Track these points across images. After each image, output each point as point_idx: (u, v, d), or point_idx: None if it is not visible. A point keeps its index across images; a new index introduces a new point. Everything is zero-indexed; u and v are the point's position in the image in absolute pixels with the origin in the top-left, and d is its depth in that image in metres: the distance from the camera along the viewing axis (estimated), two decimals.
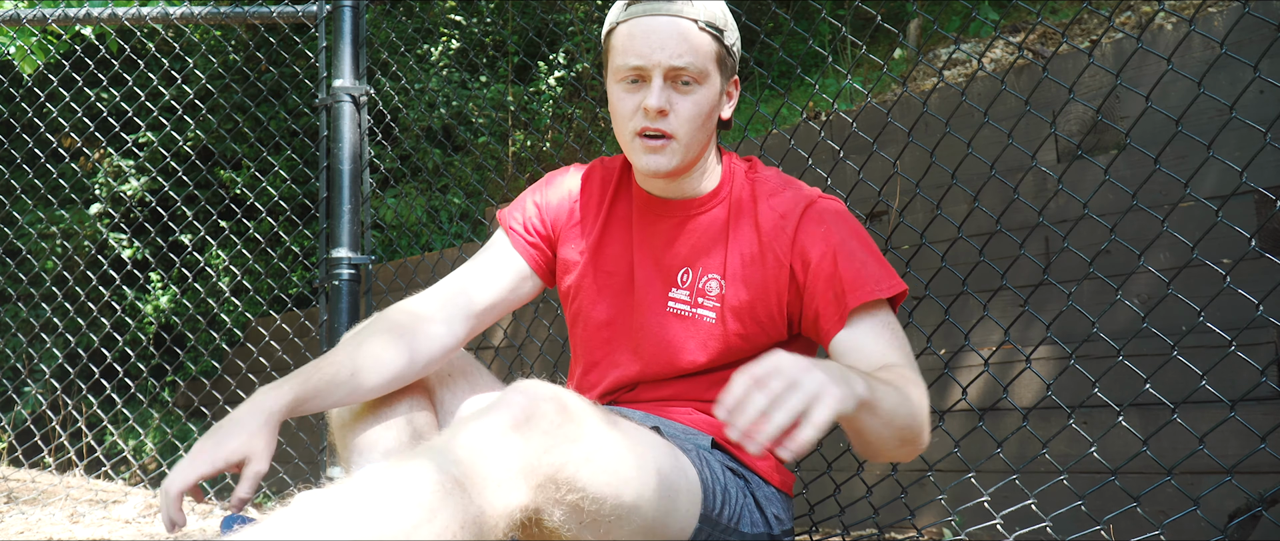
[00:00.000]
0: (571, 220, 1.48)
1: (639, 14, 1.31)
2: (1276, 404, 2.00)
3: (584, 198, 1.48)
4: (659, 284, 1.40)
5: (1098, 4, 3.37)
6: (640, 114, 1.31)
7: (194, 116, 4.85)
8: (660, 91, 1.29)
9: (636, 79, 1.31)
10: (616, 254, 1.44)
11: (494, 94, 4.97)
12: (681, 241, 1.40)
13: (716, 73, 1.34)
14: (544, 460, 0.98)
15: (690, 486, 1.21)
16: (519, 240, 1.48)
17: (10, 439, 4.09)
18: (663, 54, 1.28)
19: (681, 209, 1.41)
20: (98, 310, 4.07)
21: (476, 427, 0.98)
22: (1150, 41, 2.54)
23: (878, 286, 1.29)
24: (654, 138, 1.31)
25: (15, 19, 2.87)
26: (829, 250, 1.31)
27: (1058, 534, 1.76)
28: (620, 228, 1.45)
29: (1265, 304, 1.52)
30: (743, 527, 1.31)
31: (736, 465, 1.37)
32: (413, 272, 4.13)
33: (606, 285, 1.44)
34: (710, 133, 1.37)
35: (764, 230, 1.36)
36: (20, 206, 4.68)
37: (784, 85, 4.57)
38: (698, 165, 1.39)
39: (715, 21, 1.32)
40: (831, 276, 1.30)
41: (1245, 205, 2.24)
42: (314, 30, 2.70)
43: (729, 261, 1.37)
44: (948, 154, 2.68)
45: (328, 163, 2.53)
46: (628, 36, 1.31)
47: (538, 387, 1.03)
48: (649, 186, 1.43)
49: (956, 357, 2.50)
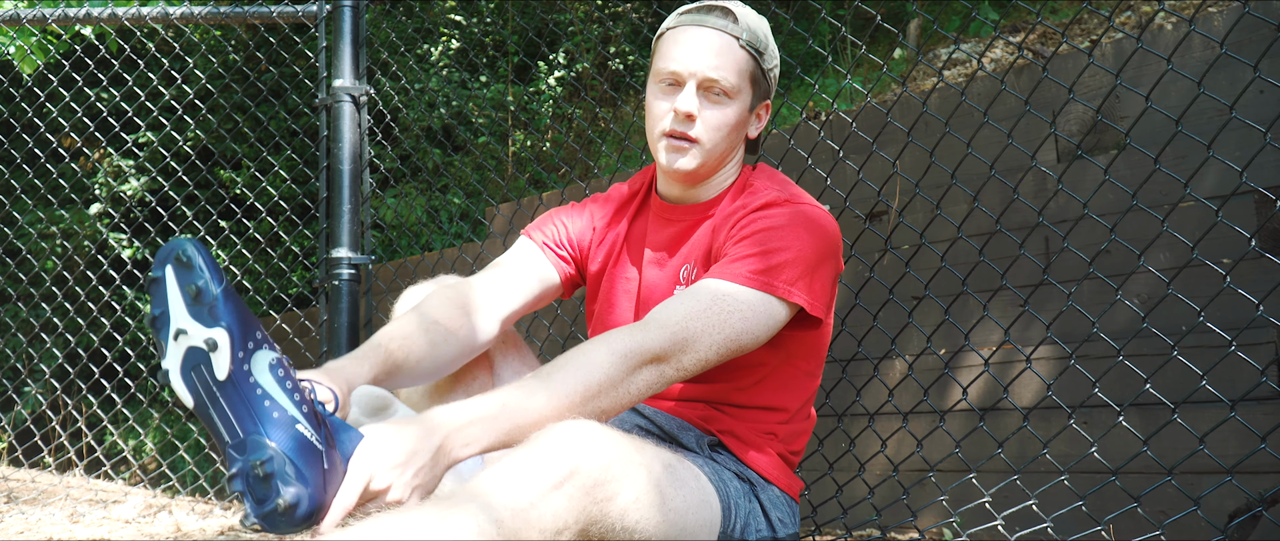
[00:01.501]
0: (598, 238, 1.56)
1: (688, 23, 1.40)
2: (1276, 404, 2.00)
3: (612, 217, 1.56)
4: (665, 284, 1.45)
5: (1098, 4, 3.37)
6: (670, 116, 1.39)
7: (194, 116, 4.85)
8: (692, 97, 1.37)
9: (673, 83, 1.39)
10: (633, 261, 1.51)
11: (494, 94, 4.97)
12: (686, 243, 1.45)
13: (749, 90, 1.41)
14: (584, 515, 1.01)
15: (712, 515, 1.26)
16: (550, 252, 1.55)
17: (10, 439, 4.09)
18: (700, 64, 1.36)
19: (690, 213, 1.46)
20: (98, 310, 4.07)
21: (519, 482, 0.99)
22: (1150, 41, 2.54)
23: (752, 275, 1.28)
24: (679, 139, 1.39)
25: (15, 19, 2.87)
26: (755, 230, 1.33)
27: (1058, 534, 1.76)
28: (638, 237, 1.52)
29: (1265, 304, 1.52)
30: (749, 536, 1.32)
31: (741, 468, 1.37)
32: (413, 272, 4.13)
33: (623, 290, 1.50)
34: (733, 146, 1.43)
35: (730, 218, 1.39)
36: (20, 206, 4.68)
37: (784, 85, 4.57)
38: (716, 175, 1.45)
39: (757, 43, 1.40)
40: (732, 247, 1.33)
41: (1245, 205, 2.24)
42: (314, 30, 2.70)
43: (703, 251, 1.42)
44: (948, 154, 2.69)
45: (328, 163, 2.53)
46: (673, 42, 1.40)
47: (579, 441, 1.03)
48: (667, 192, 1.50)
49: (956, 357, 2.50)
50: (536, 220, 1.60)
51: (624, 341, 1.18)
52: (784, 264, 1.29)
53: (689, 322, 1.22)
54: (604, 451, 1.03)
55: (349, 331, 2.42)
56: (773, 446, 1.43)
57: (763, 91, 1.45)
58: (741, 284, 1.27)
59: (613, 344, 1.17)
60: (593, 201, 1.61)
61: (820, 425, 2.76)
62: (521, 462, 1.00)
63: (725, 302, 1.25)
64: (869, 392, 2.69)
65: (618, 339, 1.18)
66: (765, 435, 1.42)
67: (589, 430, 1.05)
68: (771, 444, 1.43)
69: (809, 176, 2.93)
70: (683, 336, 1.21)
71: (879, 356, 2.68)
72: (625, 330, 1.21)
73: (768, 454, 1.42)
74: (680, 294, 1.30)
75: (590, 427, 1.05)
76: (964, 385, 2.31)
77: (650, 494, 1.09)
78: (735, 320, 1.25)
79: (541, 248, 1.55)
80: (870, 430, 2.31)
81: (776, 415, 1.43)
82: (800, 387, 1.46)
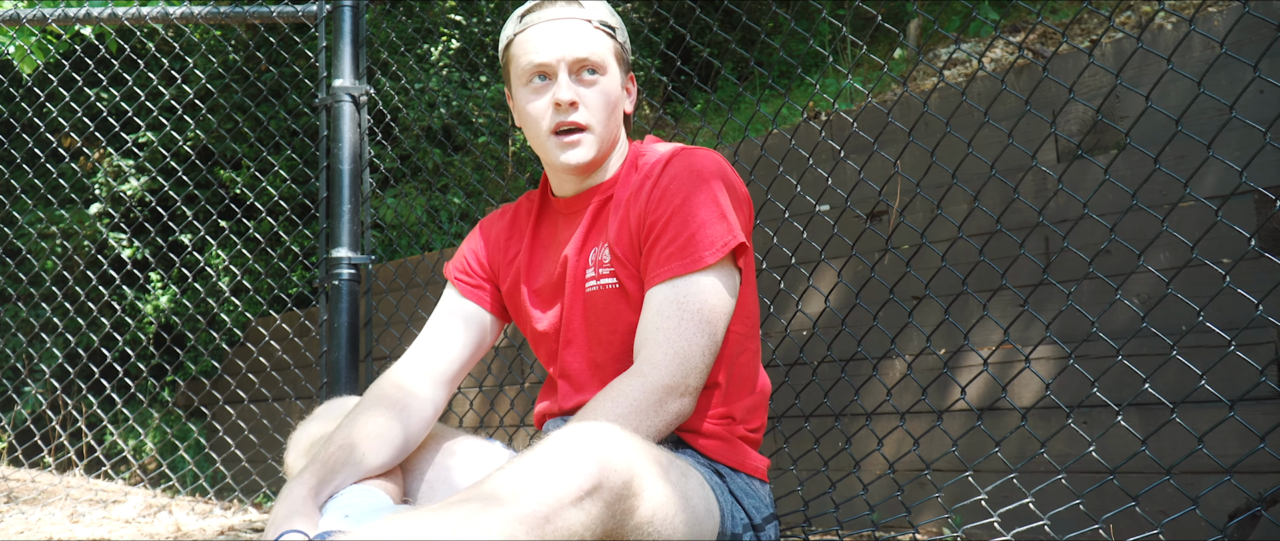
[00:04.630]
0: (504, 256, 1.54)
1: (534, 21, 1.39)
2: (1276, 404, 2.01)
3: (510, 231, 1.55)
4: (580, 273, 1.43)
5: (1098, 4, 3.37)
6: (552, 111, 1.37)
7: (194, 116, 4.85)
8: (568, 84, 1.36)
9: (543, 76, 1.38)
10: (545, 266, 1.48)
11: (494, 94, 4.97)
12: (592, 228, 1.43)
13: (616, 66, 1.41)
14: (605, 525, 1.00)
15: (714, 522, 1.26)
16: (465, 287, 1.53)
17: (10, 439, 4.09)
18: (565, 48, 1.36)
19: (589, 197, 1.45)
20: (98, 310, 4.07)
21: (548, 484, 0.96)
22: (1150, 41, 2.54)
23: (686, 261, 1.30)
24: (569, 132, 1.37)
25: (15, 19, 2.87)
26: (664, 214, 1.33)
27: (1056, 533, 1.76)
28: (546, 243, 1.50)
29: (1265, 304, 1.52)
30: (737, 530, 1.31)
31: (710, 462, 1.36)
32: (413, 272, 4.13)
33: (537, 298, 1.48)
34: (619, 123, 1.44)
35: (633, 190, 1.39)
36: (20, 206, 4.68)
37: (784, 85, 4.57)
38: (608, 159, 1.45)
39: (607, 20, 1.41)
40: (654, 244, 1.33)
41: (1245, 205, 2.24)
42: (314, 30, 2.70)
43: (615, 228, 1.39)
44: (948, 154, 2.69)
45: (328, 162, 2.53)
46: (527, 41, 1.39)
47: (603, 447, 1.01)
48: (562, 189, 1.48)
49: (956, 357, 2.50)
50: (453, 258, 1.58)
51: (634, 386, 1.22)
52: (708, 222, 1.30)
53: (676, 343, 1.26)
54: (628, 461, 1.02)
55: (349, 331, 2.42)
56: (733, 430, 1.39)
57: (626, 64, 1.45)
58: (694, 271, 1.29)
59: (626, 393, 1.21)
60: (492, 220, 1.59)
61: (817, 424, 2.76)
62: (545, 466, 0.97)
63: (689, 301, 1.28)
64: (868, 392, 2.69)
65: (628, 390, 1.22)
66: (721, 419, 1.38)
67: (611, 434, 1.03)
68: (729, 427, 1.38)
69: (809, 176, 2.93)
70: (681, 358, 1.25)
71: (878, 356, 2.68)
72: (623, 380, 1.24)
73: (728, 441, 1.38)
74: (650, 316, 1.29)
75: (613, 432, 1.04)
76: (963, 385, 2.32)
77: (671, 501, 1.10)
78: (706, 311, 1.28)
79: (459, 286, 1.53)
80: (867, 429, 2.32)
81: (719, 390, 1.38)
82: (736, 352, 1.40)
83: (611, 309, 1.38)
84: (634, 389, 1.23)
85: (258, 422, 4.38)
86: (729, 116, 3.87)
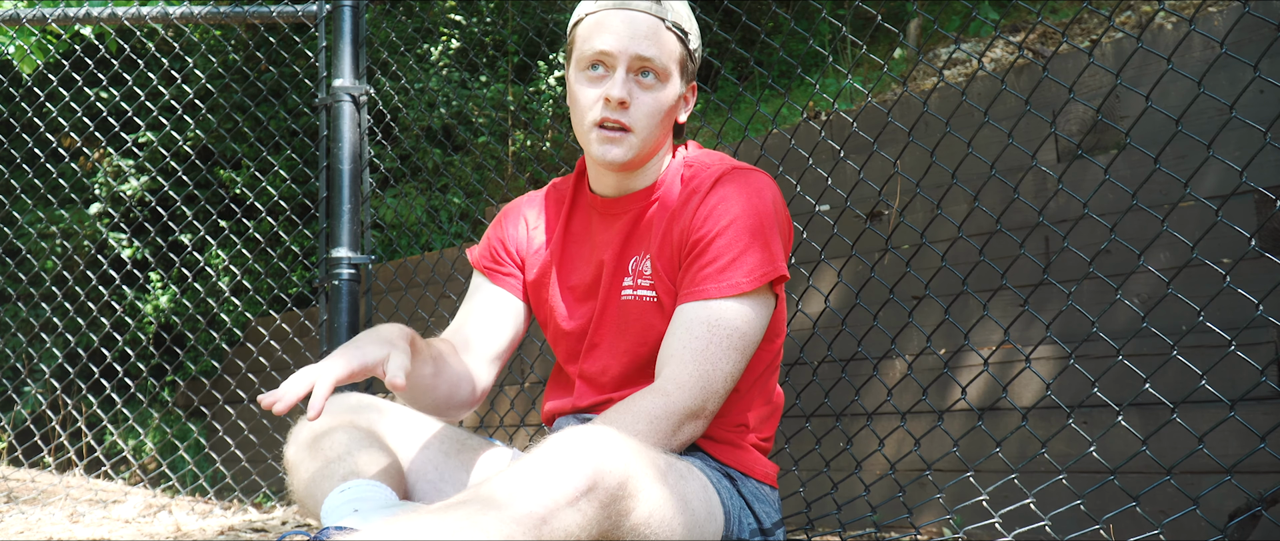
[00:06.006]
0: (532, 244, 1.51)
1: (611, 6, 1.34)
2: (1276, 404, 2.00)
3: (541, 220, 1.52)
4: (618, 279, 1.42)
5: (1098, 4, 3.37)
6: (601, 104, 1.33)
7: (194, 116, 4.85)
8: (623, 82, 1.32)
9: (601, 66, 1.33)
10: (579, 264, 1.47)
11: (494, 94, 4.97)
12: (632, 234, 1.42)
13: (678, 75, 1.37)
14: (600, 526, 0.99)
15: (716, 525, 1.26)
16: (496, 275, 1.52)
17: (10, 439, 4.09)
18: (630, 43, 1.31)
19: (631, 203, 1.42)
20: (98, 310, 4.07)
21: (544, 487, 0.96)
22: (1150, 41, 2.54)
23: (724, 285, 1.29)
24: (612, 129, 1.33)
25: (15, 19, 2.87)
26: (709, 233, 1.32)
27: (1057, 533, 1.76)
28: (579, 239, 1.48)
29: (1265, 304, 1.52)
30: (743, 534, 1.31)
31: (720, 465, 1.37)
32: (413, 272, 4.13)
33: (571, 296, 1.47)
34: (666, 132, 1.40)
35: (678, 203, 1.38)
36: (20, 206, 4.68)
37: (784, 85, 4.57)
38: (650, 163, 1.41)
39: (682, 24, 1.37)
40: (694, 260, 1.32)
41: (1245, 205, 2.24)
42: (314, 30, 2.70)
43: (658, 241, 1.38)
44: (948, 154, 2.69)
45: (328, 162, 2.53)
46: (597, 25, 1.34)
47: (598, 449, 1.01)
48: (600, 187, 1.45)
49: (956, 357, 2.50)
50: (479, 244, 1.57)
51: (655, 406, 1.22)
52: (752, 248, 1.30)
53: (702, 365, 1.25)
54: (623, 462, 1.01)
55: (349, 331, 2.42)
56: (745, 438, 1.40)
57: (689, 73, 1.41)
58: (730, 296, 1.28)
59: (647, 412, 1.21)
60: (519, 206, 1.56)
61: (818, 424, 2.76)
62: (541, 469, 0.97)
63: (721, 325, 1.27)
64: (868, 392, 2.69)
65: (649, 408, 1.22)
66: (736, 427, 1.39)
67: (608, 437, 1.03)
68: (743, 436, 1.39)
69: (809, 176, 2.93)
70: (705, 382, 1.25)
71: (879, 356, 2.68)
72: (645, 396, 1.23)
73: (741, 448, 1.39)
74: (678, 331, 1.29)
75: (608, 435, 1.03)
76: (963, 385, 2.31)
77: (668, 505, 1.09)
78: (736, 337, 1.27)
79: (490, 275, 1.52)
80: (868, 430, 2.32)
81: (738, 399, 1.39)
82: (760, 367, 1.41)
83: (645, 320, 1.38)
84: (655, 409, 1.22)
85: (258, 422, 4.38)
86: (729, 116, 3.87)
